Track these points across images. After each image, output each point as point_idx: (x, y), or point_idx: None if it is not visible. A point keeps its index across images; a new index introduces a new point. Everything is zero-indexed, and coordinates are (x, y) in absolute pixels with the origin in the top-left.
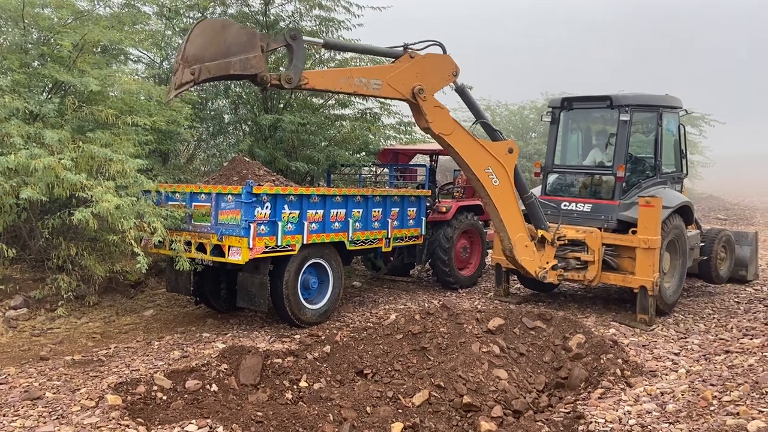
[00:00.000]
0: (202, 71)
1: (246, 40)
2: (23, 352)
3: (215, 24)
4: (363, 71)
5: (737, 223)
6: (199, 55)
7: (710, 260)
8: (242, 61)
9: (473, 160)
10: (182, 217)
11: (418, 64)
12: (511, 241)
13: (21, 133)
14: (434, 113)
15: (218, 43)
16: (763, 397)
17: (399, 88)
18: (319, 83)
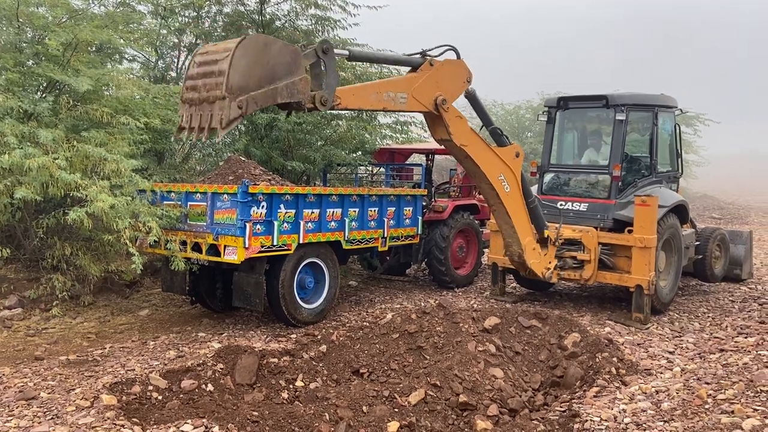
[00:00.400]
0: (250, 103)
1: (290, 59)
2: (18, 352)
3: (257, 42)
4: (389, 84)
5: (732, 222)
6: (244, 83)
7: (705, 259)
8: (288, 86)
9: (489, 169)
10: (178, 217)
11: (438, 72)
12: (522, 246)
13: (15, 133)
14: (455, 124)
15: (262, 65)
16: (757, 395)
17: (423, 100)
18: (351, 102)
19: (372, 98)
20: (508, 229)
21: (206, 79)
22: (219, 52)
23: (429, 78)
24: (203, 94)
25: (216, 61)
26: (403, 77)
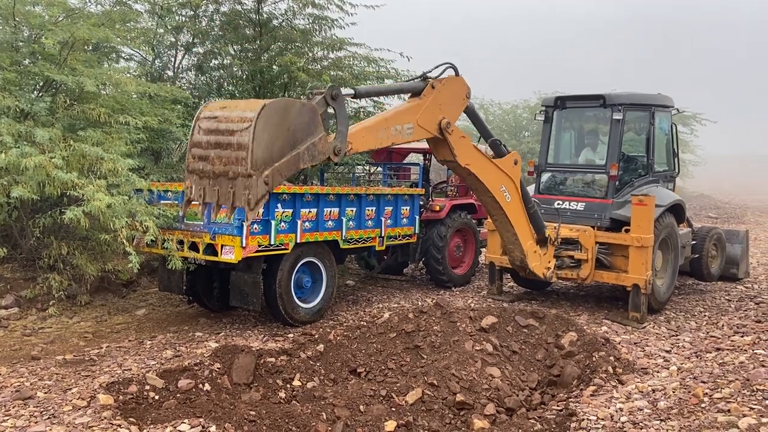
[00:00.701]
0: (275, 176)
1: (308, 119)
2: (14, 351)
3: (278, 109)
4: (396, 118)
5: (728, 221)
6: (268, 156)
7: (702, 258)
8: (309, 149)
9: (491, 183)
10: (174, 216)
11: (440, 94)
12: (524, 251)
13: (12, 132)
14: (460, 145)
15: (283, 132)
16: (753, 394)
17: (428, 126)
18: (362, 145)
19: (381, 136)
20: (510, 236)
21: (221, 151)
22: (234, 121)
23: (432, 102)
24: (219, 167)
25: (232, 131)
26: (408, 106)
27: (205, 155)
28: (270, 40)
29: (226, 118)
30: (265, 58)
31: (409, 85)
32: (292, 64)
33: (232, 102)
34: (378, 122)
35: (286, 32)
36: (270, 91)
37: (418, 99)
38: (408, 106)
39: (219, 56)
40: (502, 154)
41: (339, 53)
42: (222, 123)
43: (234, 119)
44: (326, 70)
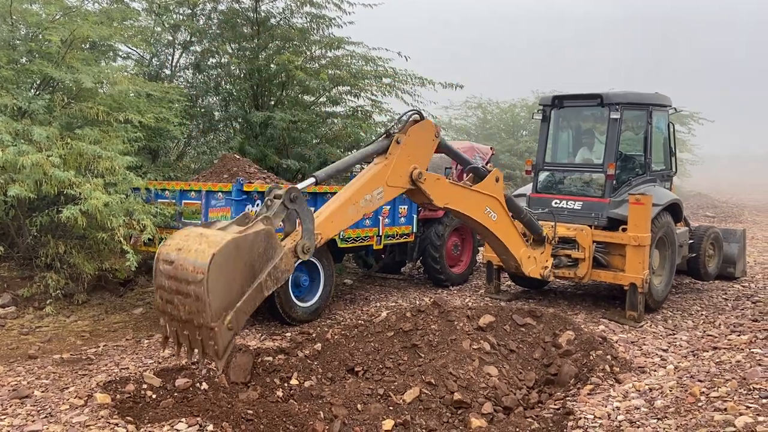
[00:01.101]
0: (239, 317)
1: (264, 246)
2: (11, 350)
3: (229, 253)
4: (363, 188)
5: (725, 220)
6: (227, 302)
7: (699, 257)
8: (272, 273)
9: (473, 211)
10: (172, 215)
11: (407, 145)
12: (517, 259)
13: (9, 130)
14: (434, 189)
15: (240, 271)
16: (750, 393)
17: (399, 183)
18: (332, 230)
19: (351, 214)
20: (502, 249)
21: (183, 298)
22: (188, 270)
23: (399, 156)
24: (183, 314)
25: (188, 281)
26: (374, 173)
27: (170, 299)
28: (268, 38)
29: (181, 265)
30: (263, 56)
31: (373, 148)
32: (289, 62)
33: (188, 240)
34: (345, 202)
35: (283, 31)
36: (268, 90)
37: (384, 158)
38: (374, 172)
39: (217, 55)
40: (483, 176)
41: (337, 52)
42: (178, 270)
43: (188, 268)
44: (324, 69)
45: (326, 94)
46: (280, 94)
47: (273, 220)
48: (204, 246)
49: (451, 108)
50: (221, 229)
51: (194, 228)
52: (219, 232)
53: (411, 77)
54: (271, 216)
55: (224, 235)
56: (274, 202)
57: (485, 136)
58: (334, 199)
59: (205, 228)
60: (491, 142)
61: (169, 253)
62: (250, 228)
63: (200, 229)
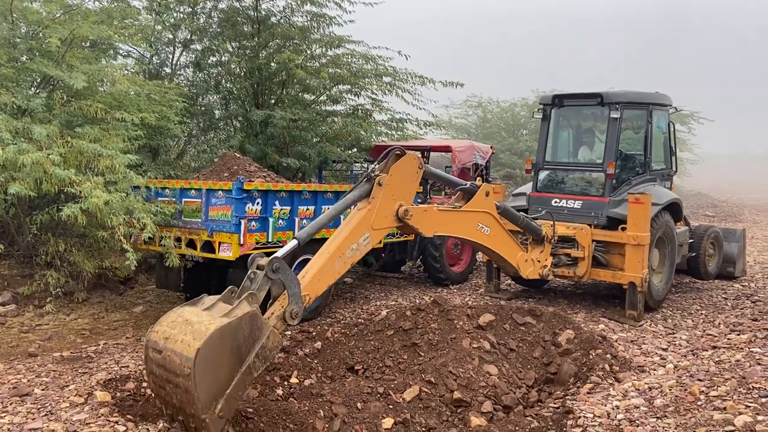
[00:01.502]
0: (231, 403)
1: (249, 329)
2: (11, 348)
3: (213, 345)
4: (348, 239)
5: (725, 220)
6: (216, 390)
7: (698, 257)
8: (260, 354)
9: (465, 231)
10: (172, 213)
11: (390, 185)
12: (515, 265)
13: (9, 128)
14: (422, 222)
15: (226, 358)
16: (749, 392)
17: (385, 224)
18: (320, 288)
19: (338, 267)
20: (497, 258)
21: (173, 388)
22: (176, 363)
23: (383, 198)
24: (176, 402)
25: (176, 374)
26: (357, 221)
27: (162, 385)
28: (268, 37)
29: (169, 356)
30: (263, 55)
31: (355, 195)
32: (290, 61)
33: (174, 328)
34: (330, 257)
35: (284, 29)
36: (268, 88)
37: (367, 203)
38: (357, 219)
39: (217, 53)
40: (473, 193)
41: (337, 50)
42: (167, 361)
43: (176, 361)
44: (324, 68)
45: (326, 92)
46: (281, 92)
47: (258, 295)
48: (189, 338)
49: (451, 107)
50: (207, 310)
51: (181, 311)
52: (204, 319)
53: (411, 76)
54: (255, 292)
55: (208, 324)
56: (257, 274)
57: (485, 135)
58: (320, 253)
59: (192, 309)
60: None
61: (157, 341)
62: (235, 309)
63: (186, 312)
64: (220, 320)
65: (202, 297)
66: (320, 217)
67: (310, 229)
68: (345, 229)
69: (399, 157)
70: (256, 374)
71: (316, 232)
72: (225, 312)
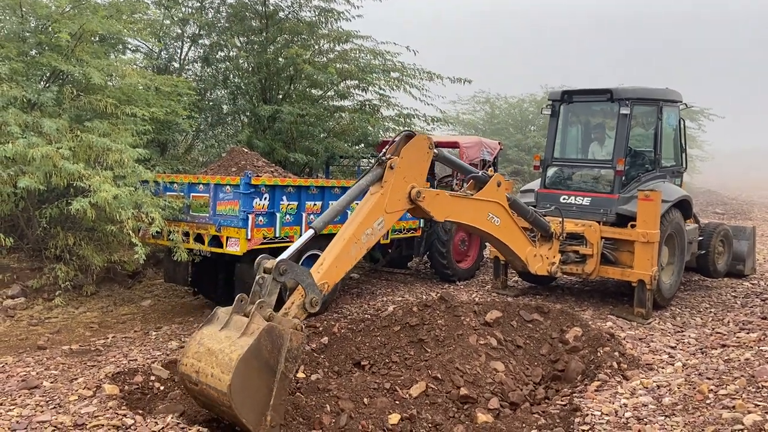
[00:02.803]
0: (277, 411)
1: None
2: (21, 341)
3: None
4: (363, 224)
5: (735, 217)
6: (260, 408)
7: (708, 254)
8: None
9: (475, 220)
10: (180, 208)
11: (402, 168)
12: (523, 259)
13: (19, 122)
14: (433, 205)
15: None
16: (759, 390)
17: (398, 207)
18: (337, 276)
19: (354, 252)
20: (507, 251)
21: (221, 410)
22: (213, 396)
23: (395, 181)
24: (229, 420)
25: (219, 404)
26: (371, 205)
27: (211, 408)
28: (276, 32)
29: (205, 391)
30: (271, 50)
31: (367, 180)
32: (298, 56)
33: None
34: (346, 243)
35: (292, 24)
36: (276, 83)
37: (380, 187)
38: (371, 204)
39: (225, 48)
40: (485, 181)
41: (345, 46)
42: (205, 394)
43: (213, 395)
44: (332, 63)
45: (334, 88)
46: (288, 87)
47: (269, 301)
48: (217, 371)
49: (459, 102)
50: (224, 329)
51: (201, 338)
52: (224, 346)
53: (419, 71)
54: (266, 299)
55: (230, 354)
56: (265, 278)
57: (493, 131)
58: (335, 240)
59: (210, 333)
60: (499, 137)
61: (189, 375)
62: (251, 325)
63: (206, 339)
64: (240, 346)
65: (215, 312)
66: (334, 205)
67: (325, 217)
68: (359, 215)
69: (409, 138)
70: (292, 375)
71: (331, 219)
72: (242, 330)
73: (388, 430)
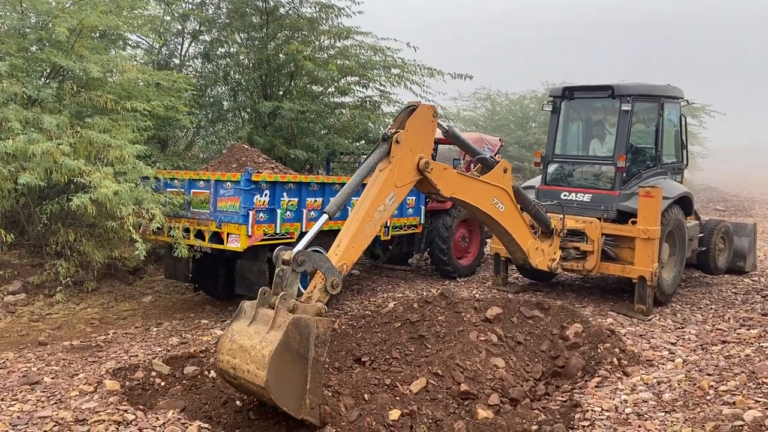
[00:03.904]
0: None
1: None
2: (21, 337)
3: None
4: (375, 201)
5: (736, 214)
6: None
7: (709, 251)
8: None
9: (481, 201)
10: (181, 204)
11: (408, 140)
12: (525, 251)
13: (19, 118)
14: (441, 179)
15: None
16: (759, 387)
17: (407, 179)
18: (355, 254)
19: (368, 231)
20: (509, 241)
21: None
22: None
23: (402, 155)
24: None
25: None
26: (380, 183)
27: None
28: (276, 28)
29: (245, 384)
30: (272, 46)
31: (375, 158)
32: (298, 52)
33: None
34: (360, 222)
35: (292, 20)
36: (276, 79)
37: (388, 162)
38: (381, 181)
39: (225, 44)
40: (491, 166)
41: (346, 42)
42: (246, 387)
43: (252, 389)
44: (332, 59)
45: (335, 84)
46: (289, 84)
47: (291, 292)
48: (252, 367)
49: (459, 99)
50: (252, 324)
51: (232, 335)
52: (255, 342)
53: (420, 68)
54: (288, 291)
55: (262, 350)
56: (285, 270)
57: (494, 128)
58: (349, 221)
59: (240, 329)
60: (500, 134)
61: (227, 371)
62: (278, 318)
63: (237, 335)
64: (270, 341)
65: (241, 307)
66: (345, 187)
67: (337, 200)
68: (371, 193)
69: (412, 111)
70: (323, 358)
71: (344, 202)
72: (269, 323)
73: (388, 425)
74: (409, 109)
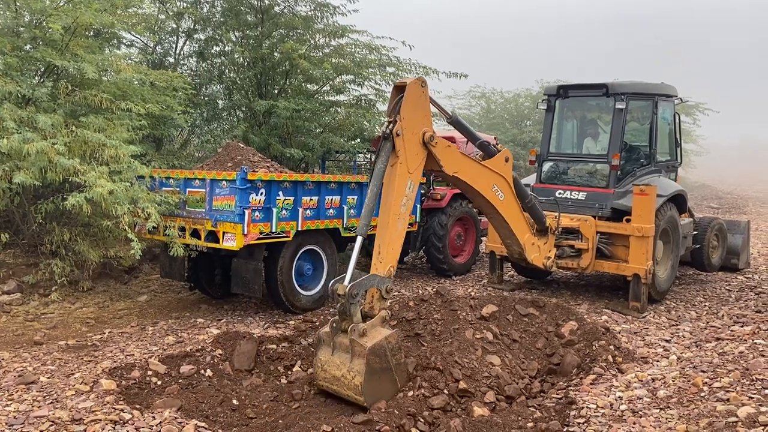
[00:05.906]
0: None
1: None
2: (17, 336)
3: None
4: (397, 195)
5: (730, 211)
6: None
7: (703, 248)
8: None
9: (481, 186)
10: (176, 203)
11: (407, 127)
12: (521, 244)
13: (13, 117)
14: (445, 155)
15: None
16: (753, 383)
17: (417, 159)
18: (396, 254)
19: (401, 226)
20: (506, 232)
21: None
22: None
23: (406, 140)
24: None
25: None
26: (395, 175)
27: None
28: (271, 26)
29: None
30: (267, 45)
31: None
32: (293, 51)
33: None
34: (391, 219)
35: (287, 19)
36: (272, 78)
37: (396, 157)
38: (397, 176)
39: (220, 43)
40: (492, 154)
41: (341, 40)
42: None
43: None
44: (328, 58)
45: (330, 83)
46: (284, 82)
47: (357, 321)
48: (350, 393)
49: (454, 97)
50: (336, 353)
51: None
52: (344, 372)
53: (415, 66)
54: (354, 321)
55: (352, 379)
56: (344, 305)
57: (489, 126)
58: (381, 225)
59: (326, 359)
60: (495, 132)
61: (330, 389)
62: (356, 348)
63: (327, 366)
64: (357, 372)
65: (320, 337)
66: (366, 202)
67: (364, 219)
68: (391, 191)
69: (400, 90)
70: (403, 359)
71: (370, 218)
72: (350, 352)
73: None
74: (397, 90)
